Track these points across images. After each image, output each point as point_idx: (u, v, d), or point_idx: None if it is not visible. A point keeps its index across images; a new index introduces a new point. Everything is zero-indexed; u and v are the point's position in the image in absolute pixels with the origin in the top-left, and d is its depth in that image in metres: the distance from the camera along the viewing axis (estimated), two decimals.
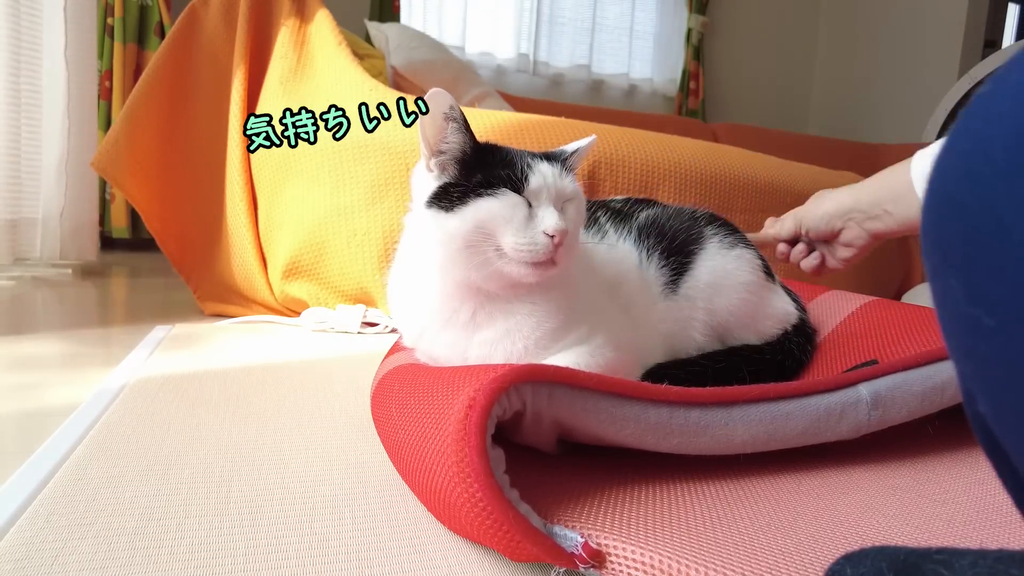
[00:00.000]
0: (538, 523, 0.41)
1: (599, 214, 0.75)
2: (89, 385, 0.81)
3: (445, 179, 0.58)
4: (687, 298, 0.71)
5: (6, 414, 0.72)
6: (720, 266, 0.72)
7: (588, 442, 0.53)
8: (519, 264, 0.55)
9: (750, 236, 0.91)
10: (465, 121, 0.57)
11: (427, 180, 0.59)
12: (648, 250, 0.72)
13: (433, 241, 0.58)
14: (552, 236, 0.54)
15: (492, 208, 0.55)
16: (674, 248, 0.72)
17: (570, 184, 0.59)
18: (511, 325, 0.59)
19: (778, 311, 0.77)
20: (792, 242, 0.93)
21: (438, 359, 0.63)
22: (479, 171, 0.57)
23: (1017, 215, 0.19)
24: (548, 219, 0.55)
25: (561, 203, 0.58)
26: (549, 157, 0.60)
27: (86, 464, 0.56)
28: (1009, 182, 0.19)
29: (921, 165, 0.76)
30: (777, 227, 0.93)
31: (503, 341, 0.59)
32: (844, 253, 0.89)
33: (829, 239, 0.89)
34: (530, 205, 0.56)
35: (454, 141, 0.57)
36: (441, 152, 0.58)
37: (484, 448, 0.40)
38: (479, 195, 0.55)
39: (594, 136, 0.64)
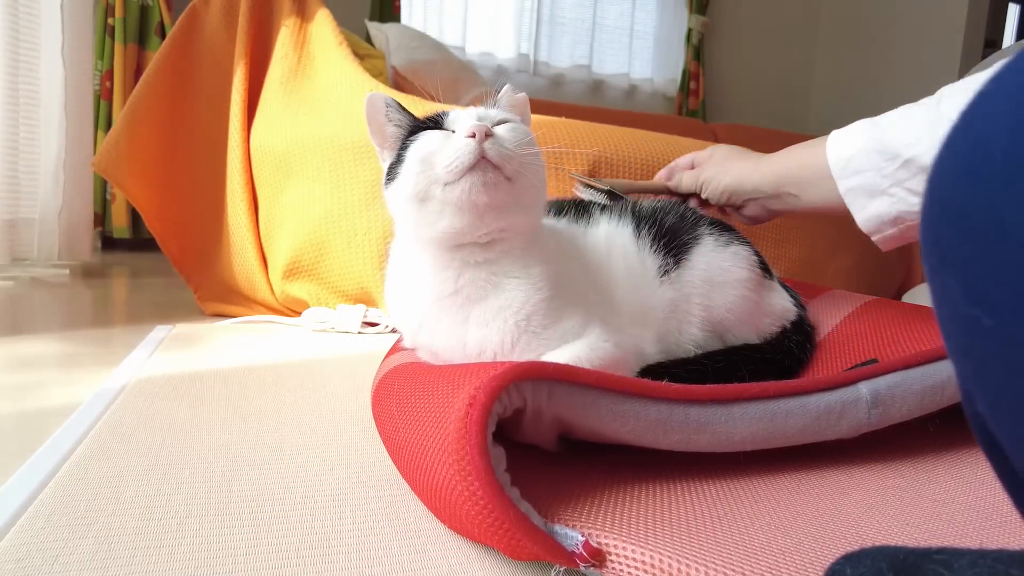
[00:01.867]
0: (539, 521, 0.41)
1: (593, 209, 0.76)
2: (90, 385, 0.81)
3: (392, 159, 0.63)
4: (683, 293, 0.71)
5: (7, 414, 0.72)
6: (716, 263, 0.72)
7: (589, 439, 0.53)
8: (460, 182, 0.56)
9: (634, 183, 0.92)
10: (400, 109, 0.63)
11: (383, 169, 0.64)
12: (643, 234, 0.73)
13: (402, 215, 0.61)
14: (473, 136, 0.55)
15: (416, 149, 0.58)
16: (669, 240, 0.72)
17: (497, 112, 0.63)
18: (502, 301, 0.60)
19: (776, 308, 0.77)
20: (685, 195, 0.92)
21: (439, 351, 0.63)
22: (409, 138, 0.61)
23: (1017, 215, 0.19)
24: (464, 124, 0.57)
25: (490, 125, 0.60)
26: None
27: (87, 464, 0.57)
28: (1008, 182, 0.19)
29: (838, 149, 0.72)
30: (675, 181, 0.92)
31: (496, 319, 0.59)
32: (744, 220, 0.88)
33: (728, 206, 0.89)
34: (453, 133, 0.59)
35: (393, 130, 0.63)
36: (388, 141, 0.64)
37: (485, 446, 0.40)
38: (405, 148, 0.59)
39: (508, 85, 0.68)
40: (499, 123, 0.61)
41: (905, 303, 0.84)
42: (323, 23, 1.30)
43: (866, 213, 0.71)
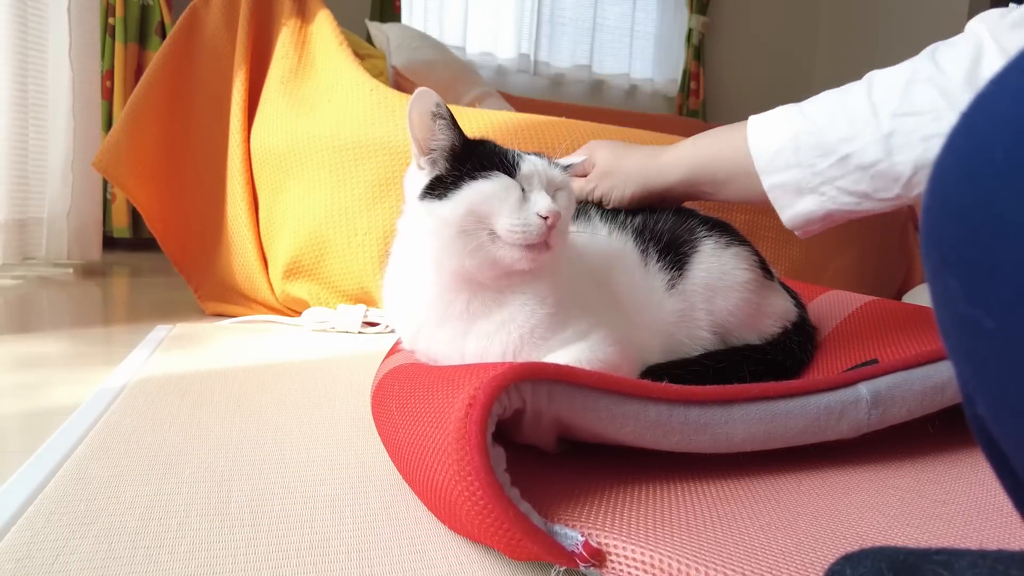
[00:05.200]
0: (538, 521, 0.41)
1: (591, 211, 0.76)
2: (90, 384, 0.81)
3: (437, 172, 0.59)
4: (689, 302, 0.71)
5: (8, 413, 0.72)
6: (716, 267, 0.72)
7: (588, 440, 0.53)
8: (512, 247, 0.55)
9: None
10: (452, 117, 0.59)
11: (419, 177, 0.61)
12: (647, 249, 0.72)
13: (427, 232, 0.59)
14: (546, 218, 0.55)
15: (485, 189, 0.56)
16: (668, 249, 0.72)
17: (559, 173, 0.61)
18: (505, 316, 0.59)
19: (778, 309, 0.77)
20: None
21: (436, 358, 0.63)
22: (470, 161, 0.58)
23: (1018, 216, 0.19)
24: (541, 201, 0.56)
25: (552, 191, 0.59)
26: (538, 155, 0.62)
27: (87, 463, 0.57)
28: (1009, 182, 0.19)
29: (762, 141, 0.66)
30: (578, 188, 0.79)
31: (499, 332, 0.59)
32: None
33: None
34: (523, 190, 0.57)
35: (443, 136, 0.59)
36: (432, 149, 0.59)
37: (484, 446, 0.40)
38: (473, 178, 0.57)
39: (586, 157, 0.65)
40: (559, 189, 0.60)
41: (905, 303, 0.84)
42: (324, 23, 1.30)
43: (792, 211, 0.67)
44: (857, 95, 0.63)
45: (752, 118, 0.69)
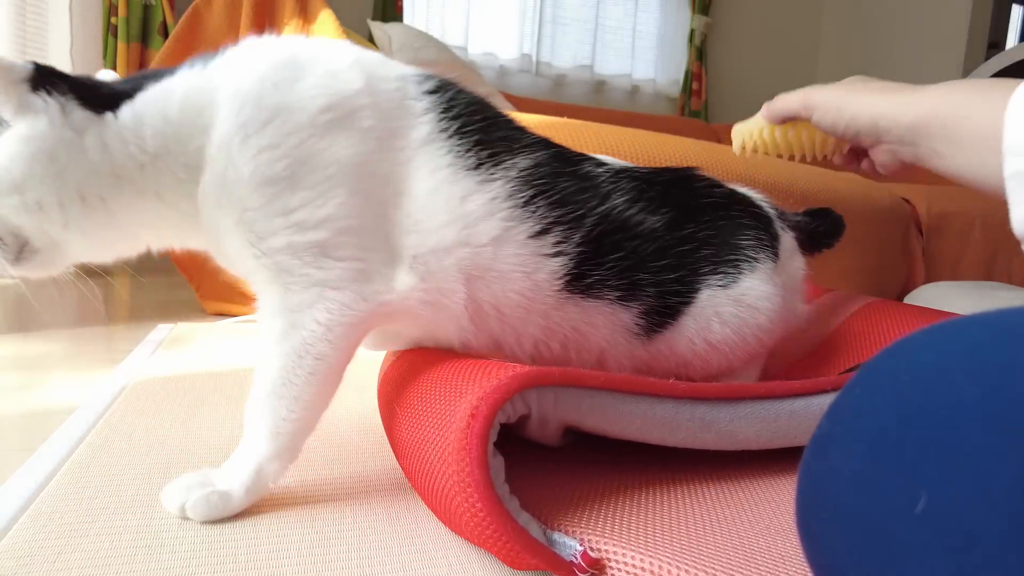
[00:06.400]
0: (538, 533, 0.41)
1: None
2: (91, 383, 0.81)
3: None
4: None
5: (9, 412, 0.72)
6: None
7: (594, 433, 0.53)
8: None
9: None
10: None
11: None
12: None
13: None
14: None
15: None
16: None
17: None
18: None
19: None
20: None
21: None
22: None
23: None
24: None
25: None
26: None
27: (88, 462, 0.57)
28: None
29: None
30: (778, 105, 0.71)
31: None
32: (869, 166, 0.67)
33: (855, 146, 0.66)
34: None
35: None
36: None
37: (485, 459, 0.40)
38: None
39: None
40: None
41: (907, 304, 0.84)
42: (326, 24, 1.30)
43: None
44: None
45: (1021, 86, 0.49)
